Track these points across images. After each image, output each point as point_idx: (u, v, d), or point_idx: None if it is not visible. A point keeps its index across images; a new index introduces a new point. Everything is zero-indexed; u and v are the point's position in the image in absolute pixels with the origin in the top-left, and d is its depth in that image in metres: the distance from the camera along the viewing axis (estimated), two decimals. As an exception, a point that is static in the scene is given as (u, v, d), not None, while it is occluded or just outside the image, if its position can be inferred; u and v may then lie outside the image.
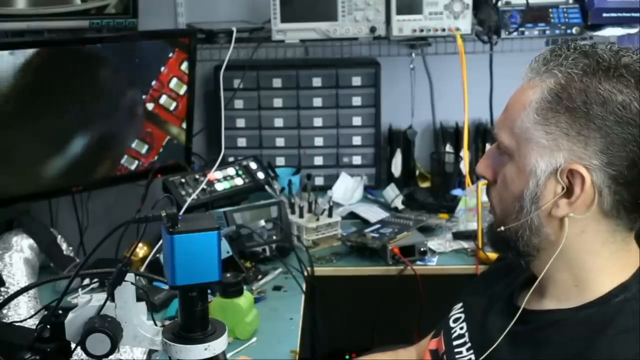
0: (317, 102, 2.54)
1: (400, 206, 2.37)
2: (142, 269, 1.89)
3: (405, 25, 2.28)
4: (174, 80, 2.19)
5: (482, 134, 2.58)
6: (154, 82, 2.15)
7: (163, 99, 2.19)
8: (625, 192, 0.96)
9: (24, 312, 1.61)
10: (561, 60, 0.98)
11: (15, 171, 1.97)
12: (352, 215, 2.34)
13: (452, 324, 1.23)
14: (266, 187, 2.22)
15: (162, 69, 2.15)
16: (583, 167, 0.96)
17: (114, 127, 2.13)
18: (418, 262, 2.01)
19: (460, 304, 1.26)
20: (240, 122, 2.56)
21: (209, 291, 1.10)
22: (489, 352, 1.06)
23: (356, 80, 2.53)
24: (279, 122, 2.56)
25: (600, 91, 0.95)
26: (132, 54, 2.10)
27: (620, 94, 0.94)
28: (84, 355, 0.95)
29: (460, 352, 1.16)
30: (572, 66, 0.97)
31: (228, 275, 1.61)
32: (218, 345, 0.95)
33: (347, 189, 2.47)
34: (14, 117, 1.91)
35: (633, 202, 0.97)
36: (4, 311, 1.59)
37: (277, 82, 2.54)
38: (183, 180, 2.14)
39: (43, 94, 1.95)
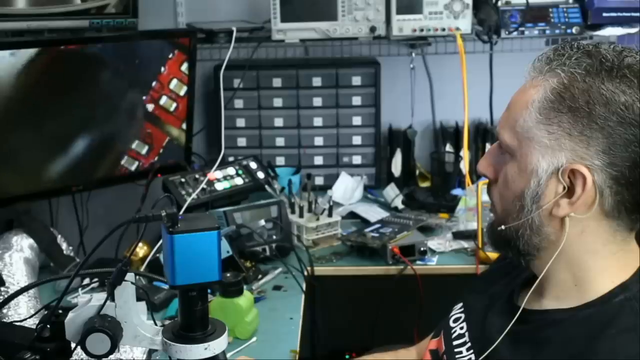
0: (317, 101, 2.54)
1: (400, 206, 2.37)
2: (142, 269, 1.90)
3: (405, 25, 2.28)
4: (174, 81, 2.19)
5: (482, 133, 2.58)
6: (154, 83, 2.15)
7: (163, 100, 2.19)
8: (627, 192, 0.96)
9: (24, 311, 1.61)
10: (564, 59, 0.98)
11: (15, 171, 1.97)
12: (352, 215, 2.34)
13: (452, 324, 1.23)
14: (266, 186, 2.22)
15: (162, 69, 2.15)
16: (585, 167, 0.96)
17: (114, 128, 2.13)
18: (418, 262, 2.01)
19: (461, 304, 1.26)
20: (240, 122, 2.56)
21: (209, 291, 1.10)
22: (488, 352, 1.06)
23: (356, 80, 2.53)
24: (279, 122, 2.56)
25: (603, 91, 0.94)
26: (132, 54, 2.10)
27: (623, 95, 0.94)
28: (84, 355, 0.95)
29: (461, 352, 1.16)
30: (575, 66, 0.97)
31: (228, 275, 1.61)
32: (218, 345, 0.95)
33: (347, 189, 2.47)
34: (14, 117, 1.91)
35: (634, 203, 0.97)
36: (4, 311, 1.59)
37: (277, 82, 2.54)
38: (183, 179, 2.14)
39: (43, 94, 1.95)
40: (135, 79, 2.12)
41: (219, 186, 2.20)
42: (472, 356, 1.13)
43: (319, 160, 2.59)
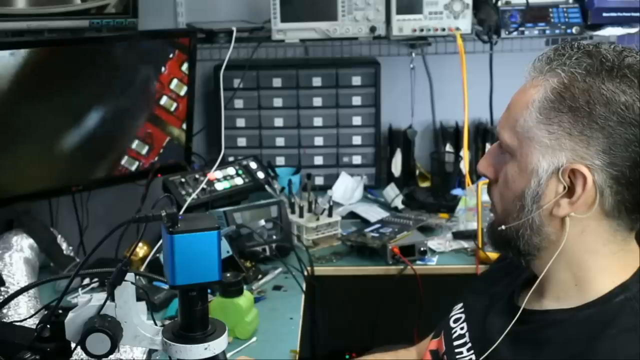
0: (317, 101, 2.54)
1: (400, 206, 2.37)
2: (142, 269, 1.89)
3: (405, 24, 2.28)
4: (175, 81, 2.19)
5: (482, 133, 2.58)
6: (154, 83, 2.15)
7: (163, 100, 2.19)
8: (627, 192, 0.96)
9: (24, 311, 1.61)
10: (564, 59, 0.98)
11: (15, 171, 1.97)
12: (352, 215, 2.34)
13: (452, 324, 1.23)
14: (266, 186, 2.22)
15: (163, 69, 2.15)
16: (585, 167, 0.96)
17: (114, 128, 2.13)
18: (418, 262, 2.01)
19: (461, 304, 1.26)
20: (240, 122, 2.56)
21: (209, 291, 1.10)
22: (489, 352, 1.06)
23: (356, 80, 2.53)
24: (279, 122, 2.56)
25: (603, 91, 0.94)
26: (132, 54, 2.10)
27: (624, 94, 0.94)
28: (84, 355, 0.95)
29: (461, 353, 1.16)
30: (575, 66, 0.97)
31: (228, 275, 1.61)
32: (218, 345, 0.95)
33: (347, 189, 2.47)
34: (13, 117, 1.91)
35: (634, 203, 0.97)
36: (4, 311, 1.59)
37: (277, 82, 2.54)
38: (183, 179, 2.14)
39: (42, 94, 1.95)
40: (135, 79, 2.12)
41: (219, 186, 2.20)
42: (473, 356, 1.13)
43: (319, 160, 2.59)
